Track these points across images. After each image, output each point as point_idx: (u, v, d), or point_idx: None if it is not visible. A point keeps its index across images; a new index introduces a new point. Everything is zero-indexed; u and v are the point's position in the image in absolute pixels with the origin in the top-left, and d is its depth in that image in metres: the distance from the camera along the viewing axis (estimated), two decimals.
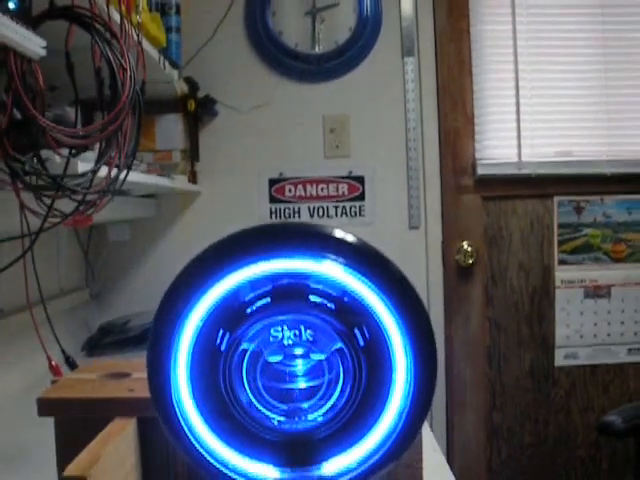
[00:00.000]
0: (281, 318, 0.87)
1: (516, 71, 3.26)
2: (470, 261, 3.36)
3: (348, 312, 0.86)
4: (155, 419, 1.21)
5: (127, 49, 1.72)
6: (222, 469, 0.87)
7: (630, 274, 3.41)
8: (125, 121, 1.68)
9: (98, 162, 1.63)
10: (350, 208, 3.30)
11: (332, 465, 0.89)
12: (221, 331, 0.86)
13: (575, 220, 3.40)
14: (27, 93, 1.42)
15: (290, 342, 0.89)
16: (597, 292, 3.40)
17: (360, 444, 0.88)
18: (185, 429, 0.87)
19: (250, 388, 0.90)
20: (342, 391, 0.88)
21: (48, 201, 1.58)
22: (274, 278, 0.86)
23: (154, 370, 0.86)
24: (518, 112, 3.27)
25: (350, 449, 0.88)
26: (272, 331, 0.88)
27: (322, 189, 3.29)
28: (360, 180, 3.28)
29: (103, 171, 1.76)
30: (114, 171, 1.82)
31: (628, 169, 3.32)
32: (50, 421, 1.19)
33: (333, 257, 0.84)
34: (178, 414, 0.86)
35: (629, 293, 3.41)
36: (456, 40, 3.30)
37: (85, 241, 3.21)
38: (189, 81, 3.17)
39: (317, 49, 3.26)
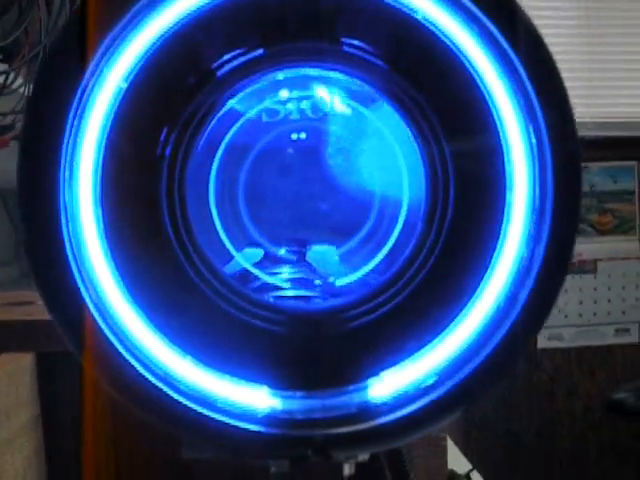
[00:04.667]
0: (287, 74, 0.41)
1: None
2: None
3: (415, 78, 0.40)
4: (62, 355, 0.73)
5: None
6: (174, 396, 0.40)
7: (617, 247, 3.00)
8: None
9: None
10: None
11: (387, 382, 0.42)
12: (163, 115, 0.40)
13: None
14: None
15: (303, 136, 0.42)
16: (582, 267, 2.98)
17: (441, 340, 0.42)
18: (98, 319, 0.40)
19: (225, 223, 0.43)
20: (405, 235, 0.42)
21: None
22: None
23: (33, 202, 0.40)
24: None
25: (419, 350, 0.42)
26: (270, 99, 0.41)
27: None
28: None
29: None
30: None
31: (613, 132, 2.91)
32: None
33: None
34: (83, 290, 0.40)
35: (616, 268, 2.99)
36: None
37: (15, 211, 2.71)
38: None
39: None
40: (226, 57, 0.41)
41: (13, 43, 1.26)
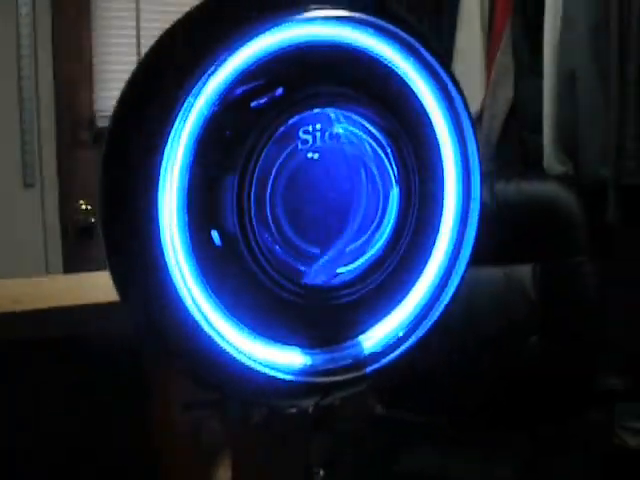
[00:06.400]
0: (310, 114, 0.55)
1: (137, 18, 2.95)
2: (92, 220, 2.98)
3: (395, 112, 0.57)
4: None
5: None
6: (231, 352, 0.52)
7: None
8: None
9: None
10: None
11: (372, 337, 0.58)
12: (228, 132, 0.52)
13: None
14: None
15: (316, 156, 0.56)
16: None
17: (404, 303, 0.59)
18: (178, 295, 0.51)
19: (271, 221, 0.55)
20: (394, 227, 0.58)
21: None
22: (293, 53, 0.54)
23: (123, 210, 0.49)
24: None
25: (392, 311, 0.59)
26: (301, 133, 0.55)
27: None
28: None
29: None
30: None
31: None
32: None
33: (385, 25, 0.55)
34: (168, 269, 0.50)
35: None
36: None
37: None
38: None
39: None
40: (265, 101, 0.54)
41: None
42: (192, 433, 0.70)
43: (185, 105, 0.50)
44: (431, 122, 0.59)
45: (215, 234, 0.52)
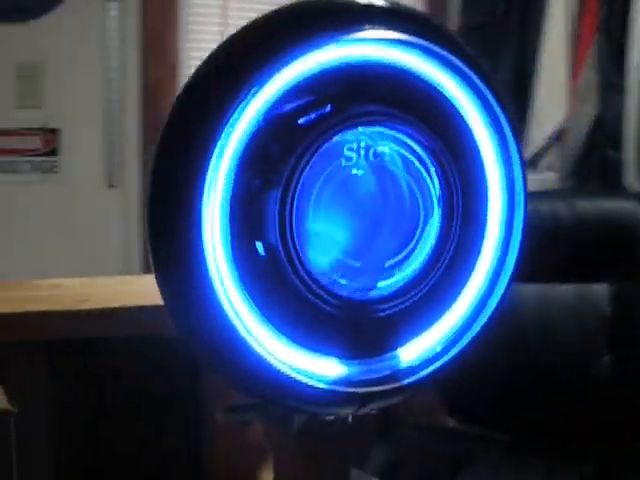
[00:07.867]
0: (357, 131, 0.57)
1: (225, 25, 3.02)
2: None
3: (441, 130, 0.58)
4: None
5: None
6: (269, 360, 0.54)
7: None
8: None
9: None
10: (42, 163, 2.85)
11: (410, 350, 0.60)
12: (274, 147, 0.54)
13: None
14: None
15: (360, 172, 0.58)
16: None
17: (443, 319, 0.61)
18: (219, 305, 0.53)
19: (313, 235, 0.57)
20: (435, 245, 0.60)
21: None
22: (342, 72, 0.56)
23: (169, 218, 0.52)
24: None
25: (431, 327, 0.60)
26: (345, 150, 0.57)
27: (13, 142, 2.82)
28: (55, 133, 2.85)
29: None
30: None
31: None
32: None
33: (437, 48, 0.56)
34: (210, 279, 0.53)
35: None
36: None
37: None
38: None
39: None
40: (314, 117, 0.56)
41: None
42: (237, 435, 0.73)
43: (234, 117, 0.52)
44: (475, 141, 0.60)
45: (260, 245, 0.54)
